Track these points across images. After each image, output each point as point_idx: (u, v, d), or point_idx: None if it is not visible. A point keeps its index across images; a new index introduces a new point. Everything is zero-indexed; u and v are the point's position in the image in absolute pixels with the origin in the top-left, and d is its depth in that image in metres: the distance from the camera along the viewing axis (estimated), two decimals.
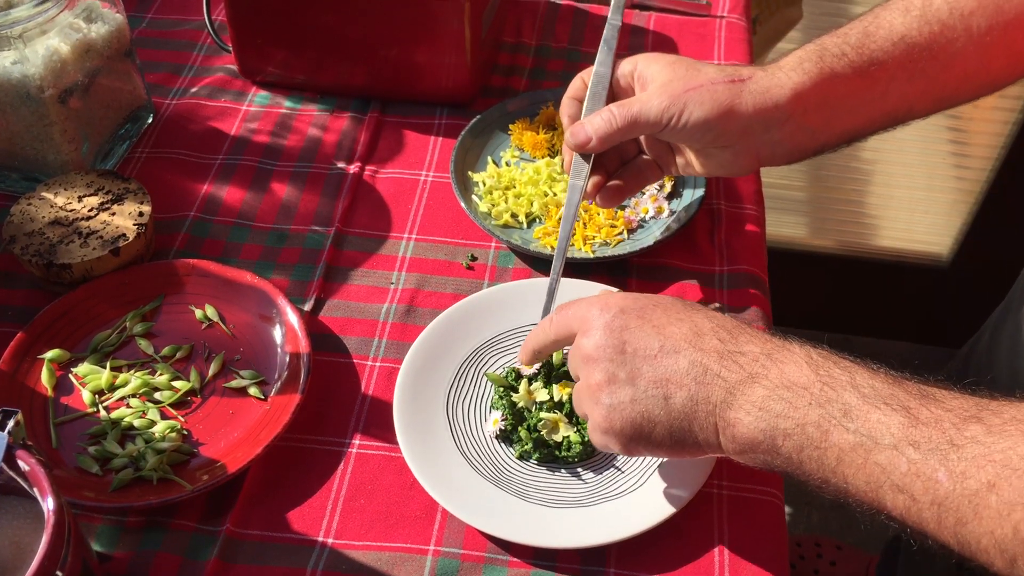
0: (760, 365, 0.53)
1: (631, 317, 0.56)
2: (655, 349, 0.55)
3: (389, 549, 0.62)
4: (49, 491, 0.50)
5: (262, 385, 0.70)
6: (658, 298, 0.58)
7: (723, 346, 0.54)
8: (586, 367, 0.57)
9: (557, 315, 0.61)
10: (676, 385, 0.54)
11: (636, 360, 0.55)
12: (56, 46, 0.76)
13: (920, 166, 1.67)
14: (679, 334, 0.55)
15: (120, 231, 0.74)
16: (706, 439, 0.55)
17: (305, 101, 0.93)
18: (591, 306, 0.58)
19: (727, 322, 0.56)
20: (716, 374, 0.53)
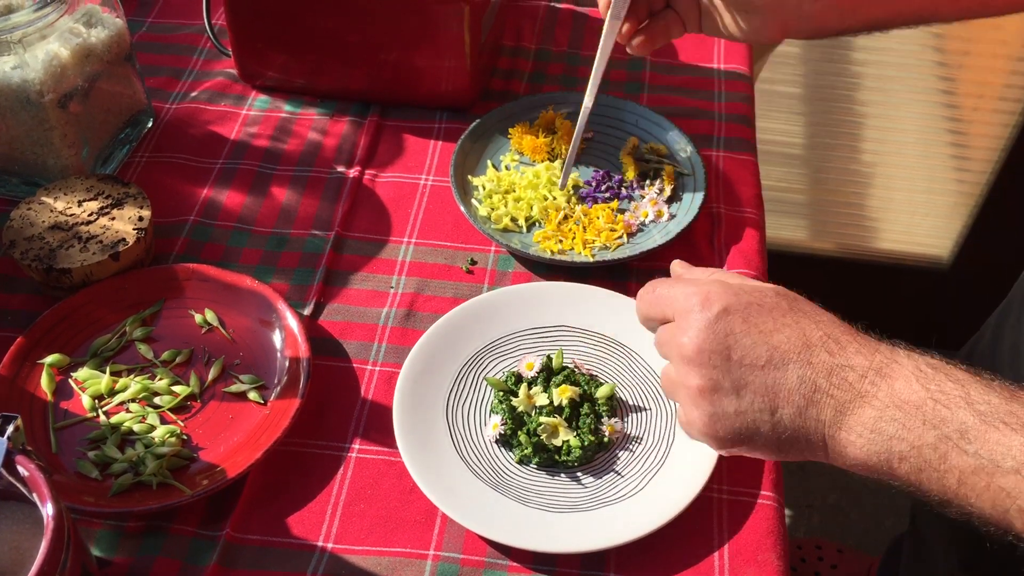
0: (869, 382, 0.51)
1: (736, 320, 0.54)
2: (762, 360, 0.52)
3: (389, 554, 0.62)
4: (48, 496, 0.50)
5: (262, 389, 0.70)
6: (760, 293, 0.55)
7: (832, 360, 0.52)
8: (686, 367, 0.55)
9: (652, 294, 0.59)
10: (784, 400, 0.52)
11: (742, 370, 0.53)
12: (56, 51, 0.76)
13: (920, 168, 1.67)
14: (787, 345, 0.53)
15: (120, 236, 0.74)
16: (813, 452, 0.53)
17: (305, 105, 0.93)
18: (691, 296, 0.55)
19: (834, 328, 0.54)
20: (825, 392, 0.51)
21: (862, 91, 1.58)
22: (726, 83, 0.97)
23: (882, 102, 1.59)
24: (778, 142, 1.66)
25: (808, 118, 1.63)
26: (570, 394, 0.68)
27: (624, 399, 0.71)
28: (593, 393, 0.69)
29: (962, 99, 1.57)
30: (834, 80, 1.57)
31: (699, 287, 0.56)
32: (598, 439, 0.67)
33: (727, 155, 0.90)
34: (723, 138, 0.91)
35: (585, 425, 0.67)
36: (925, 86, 1.56)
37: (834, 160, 1.68)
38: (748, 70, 1.00)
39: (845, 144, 1.66)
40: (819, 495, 1.60)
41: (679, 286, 0.57)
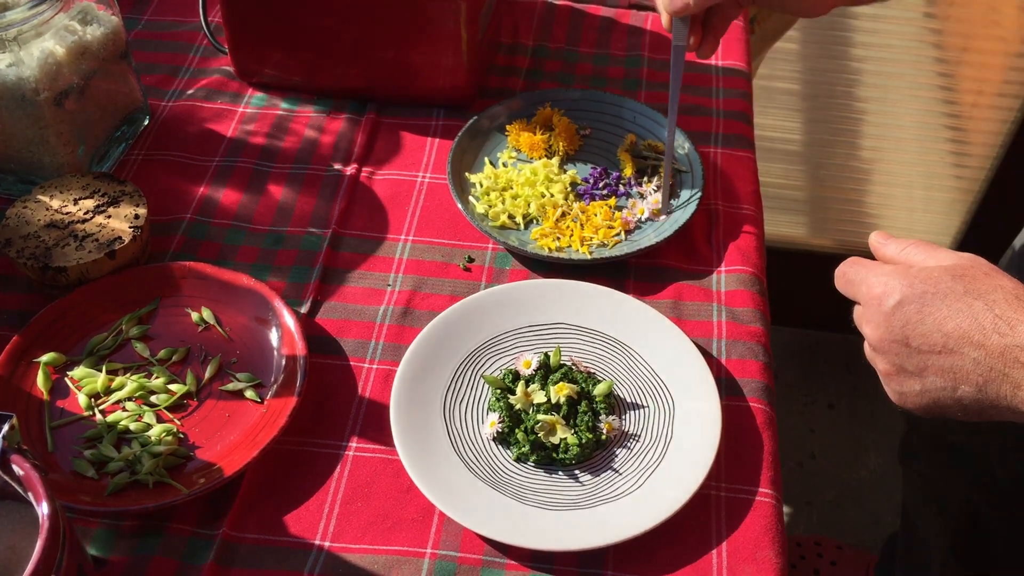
0: None
1: (911, 310, 0.58)
2: (939, 346, 0.57)
3: (386, 552, 0.62)
4: (44, 496, 0.50)
5: (258, 388, 0.70)
6: (936, 280, 0.58)
7: (1003, 341, 0.55)
8: (873, 353, 0.62)
9: (842, 277, 0.64)
10: (963, 379, 0.56)
11: (920, 356, 0.58)
12: (51, 48, 0.76)
13: (919, 164, 1.67)
14: (960, 331, 0.56)
15: (116, 234, 0.74)
16: (999, 416, 0.57)
17: (301, 103, 0.93)
18: (872, 288, 0.60)
19: (1005, 309, 0.56)
20: (1000, 371, 0.55)
21: (861, 87, 1.57)
22: (724, 79, 0.97)
23: (881, 98, 1.59)
24: (777, 138, 1.65)
25: (807, 114, 1.63)
26: (568, 392, 0.68)
27: (622, 396, 0.70)
28: (591, 391, 0.69)
29: (961, 95, 1.57)
30: (833, 76, 1.57)
31: (879, 277, 0.61)
32: (596, 437, 0.67)
33: (725, 152, 0.89)
34: (721, 135, 0.91)
35: (583, 423, 0.67)
36: (924, 82, 1.56)
37: (833, 156, 1.68)
38: (746, 66, 0.99)
39: (844, 140, 1.65)
40: (818, 492, 1.60)
41: (864, 271, 0.62)
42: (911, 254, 0.63)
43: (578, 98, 0.91)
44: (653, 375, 0.71)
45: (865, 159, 1.68)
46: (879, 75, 1.55)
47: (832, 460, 1.66)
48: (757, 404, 0.71)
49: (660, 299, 0.77)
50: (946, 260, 0.61)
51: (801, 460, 1.65)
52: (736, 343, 0.74)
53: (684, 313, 0.76)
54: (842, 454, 1.67)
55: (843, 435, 1.70)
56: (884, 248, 0.65)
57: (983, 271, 0.59)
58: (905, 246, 0.64)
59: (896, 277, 0.60)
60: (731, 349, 0.74)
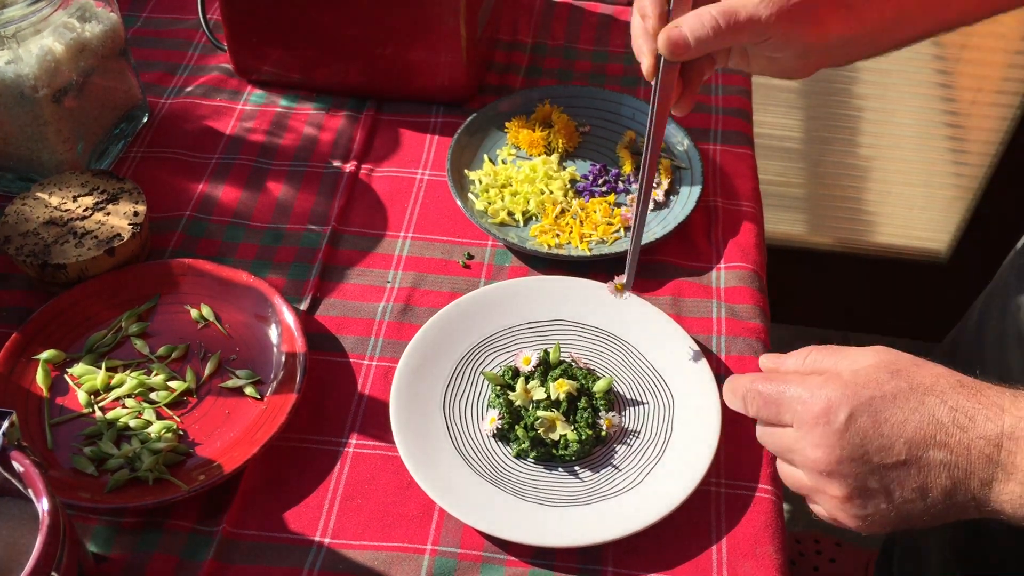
0: (1006, 451, 0.52)
1: (865, 422, 0.54)
2: (903, 455, 0.53)
3: (386, 548, 0.62)
4: (44, 492, 0.50)
5: (258, 385, 0.69)
6: (876, 381, 0.55)
7: (966, 435, 0.53)
8: (824, 479, 0.55)
9: (757, 396, 0.58)
10: (932, 485, 0.53)
11: (885, 470, 0.54)
12: (50, 45, 0.76)
13: (918, 162, 1.67)
14: (921, 433, 0.53)
15: (115, 231, 0.74)
16: (967, 516, 0.54)
17: (301, 100, 0.93)
18: (810, 405, 0.55)
19: (957, 397, 0.54)
20: (965, 470, 0.53)
21: (860, 85, 1.57)
22: (723, 77, 0.97)
23: (880, 96, 1.59)
24: (775, 136, 1.65)
25: (805, 112, 1.63)
26: (567, 388, 0.68)
27: (621, 393, 0.70)
28: (590, 387, 0.69)
29: (960, 93, 1.57)
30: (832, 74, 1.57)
31: (815, 392, 0.55)
32: (595, 433, 0.67)
33: (724, 149, 0.89)
34: (720, 132, 0.91)
35: (582, 419, 0.67)
36: (923, 80, 1.56)
37: (832, 154, 1.68)
38: None
39: (843, 138, 1.65)
40: None
41: (788, 388, 0.57)
42: (818, 361, 0.59)
43: (577, 95, 0.91)
44: (653, 371, 0.71)
45: (864, 157, 1.68)
46: (878, 72, 1.55)
47: None
48: None
49: (660, 296, 0.77)
50: (862, 358, 0.57)
51: None
52: (736, 339, 0.74)
53: (683, 309, 0.76)
54: None
55: None
56: (784, 365, 0.61)
57: (911, 362, 0.56)
58: (807, 354, 0.60)
59: (835, 388, 0.55)
60: (731, 345, 0.74)
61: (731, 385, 0.61)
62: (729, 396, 0.62)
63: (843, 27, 0.63)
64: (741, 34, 0.61)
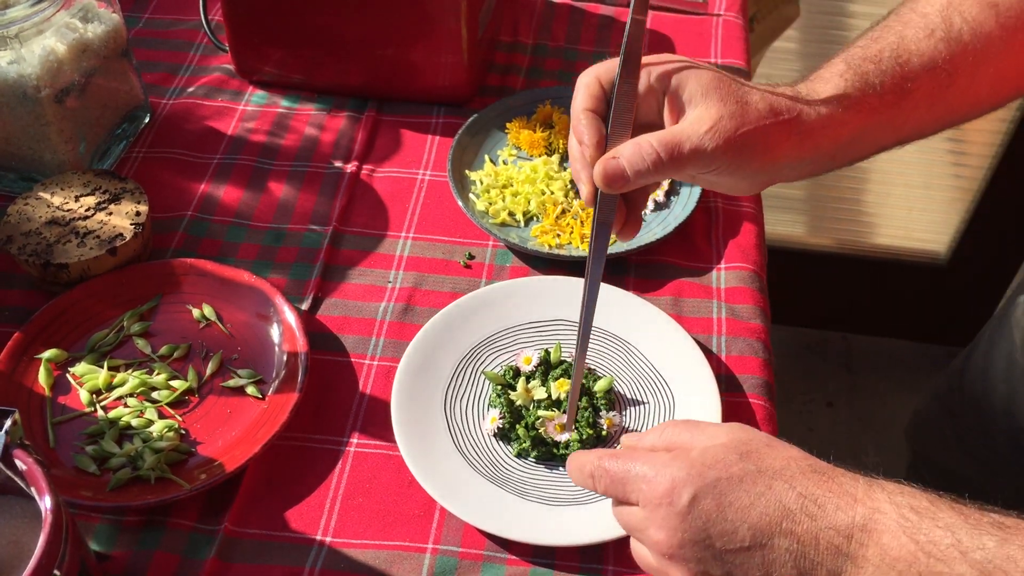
0: (856, 542, 0.50)
1: (709, 505, 0.51)
2: (747, 541, 0.51)
3: (387, 547, 0.62)
4: (47, 490, 0.50)
5: (260, 384, 0.70)
6: (724, 462, 0.53)
7: (815, 524, 0.50)
8: (667, 562, 0.53)
9: (605, 475, 0.56)
10: (777, 573, 0.51)
11: (728, 555, 0.51)
12: (52, 46, 0.76)
13: (918, 164, 1.67)
14: (767, 519, 0.51)
15: (117, 231, 0.74)
16: None
17: (302, 100, 0.93)
18: (654, 487, 0.53)
19: (808, 484, 0.52)
20: (813, 560, 0.50)
21: None
22: None
23: None
24: None
25: None
26: (567, 388, 0.68)
27: (622, 393, 0.71)
28: (591, 387, 0.69)
29: None
30: None
31: (660, 471, 0.53)
32: (596, 432, 0.67)
33: None
34: None
35: (583, 419, 0.67)
36: None
37: None
38: (746, 65, 1.00)
39: None
40: None
41: (634, 466, 0.54)
42: (673, 435, 0.57)
43: None
44: (653, 371, 0.71)
45: None
46: None
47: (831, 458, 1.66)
48: (757, 400, 0.71)
49: (660, 296, 0.77)
50: (717, 435, 0.55)
51: None
52: (736, 339, 0.74)
53: (684, 310, 0.76)
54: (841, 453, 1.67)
55: (842, 434, 1.71)
56: (642, 441, 0.58)
57: (764, 443, 0.54)
58: (663, 429, 0.57)
59: (680, 468, 0.52)
60: (731, 345, 0.74)
61: (577, 462, 0.58)
62: (576, 473, 0.58)
63: (795, 153, 0.60)
64: (684, 166, 0.58)
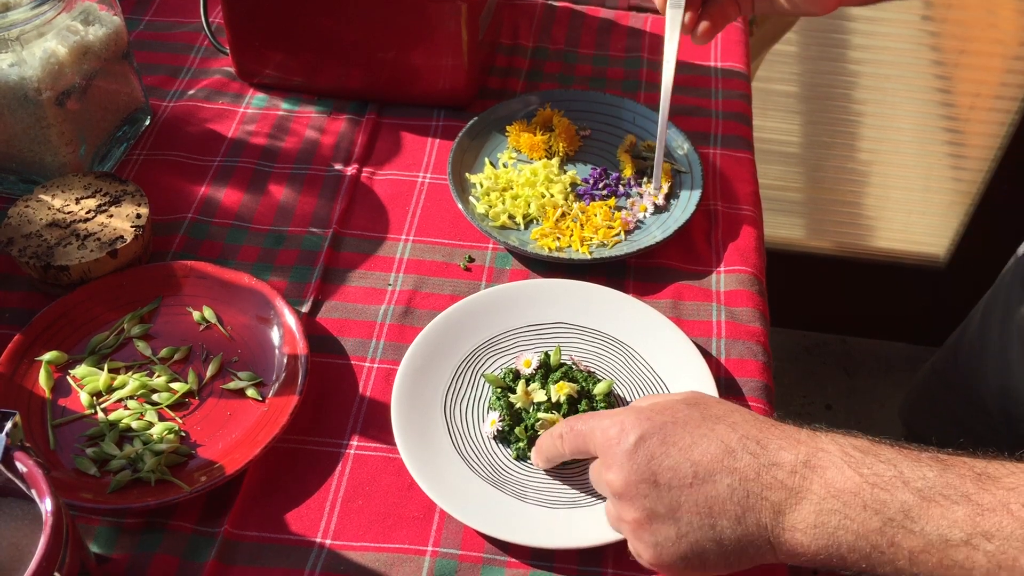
0: (800, 477, 0.51)
1: (654, 444, 0.53)
2: (689, 477, 0.52)
3: (387, 550, 0.62)
4: (47, 492, 0.50)
5: (260, 386, 0.70)
6: (672, 410, 0.55)
7: (757, 461, 0.51)
8: (620, 502, 0.55)
9: (570, 432, 0.59)
10: (720, 512, 0.52)
11: (672, 492, 0.52)
12: (54, 48, 0.76)
13: (917, 167, 1.67)
14: (709, 456, 0.52)
15: (118, 233, 0.74)
16: (763, 557, 0.52)
17: (302, 103, 0.93)
18: (607, 430, 0.56)
19: (751, 428, 0.53)
20: (758, 495, 0.51)
21: (859, 89, 1.58)
22: (723, 81, 0.98)
23: (879, 100, 1.59)
24: (775, 141, 1.66)
25: (805, 116, 1.64)
26: (568, 390, 0.68)
27: (622, 396, 0.71)
28: (591, 389, 0.69)
29: (958, 97, 1.58)
30: (831, 79, 1.57)
31: (612, 419, 0.56)
32: None
33: (724, 152, 0.90)
34: (720, 136, 0.92)
35: None
36: (921, 84, 1.57)
37: (831, 159, 1.68)
38: (745, 68, 1.00)
39: (842, 143, 1.66)
40: None
41: (594, 420, 0.57)
42: (637, 403, 0.59)
43: (578, 99, 0.92)
44: (653, 374, 0.72)
45: (863, 161, 1.68)
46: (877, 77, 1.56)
47: None
48: (756, 403, 0.71)
49: (660, 299, 0.77)
50: (673, 395, 0.58)
51: None
52: (735, 343, 0.74)
53: (683, 313, 0.76)
54: None
55: None
56: None
57: (715, 400, 0.56)
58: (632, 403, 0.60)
59: (630, 415, 0.55)
60: (730, 349, 0.74)
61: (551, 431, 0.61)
62: (545, 440, 0.62)
63: None
64: None
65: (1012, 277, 0.90)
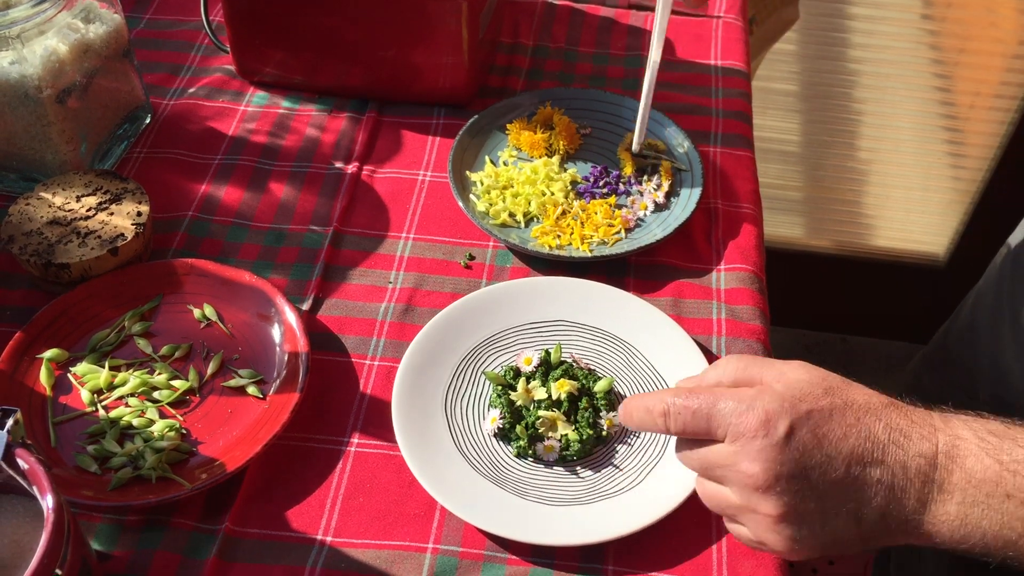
0: (943, 469, 0.51)
1: (805, 437, 0.51)
2: (840, 471, 0.51)
3: (388, 547, 0.62)
4: (48, 489, 0.51)
5: (261, 384, 0.70)
6: (810, 395, 0.53)
7: (902, 453, 0.51)
8: (757, 495, 0.53)
9: (684, 411, 0.54)
10: (866, 505, 0.52)
11: (824, 488, 0.52)
12: (54, 46, 0.76)
13: (916, 166, 1.67)
14: (860, 449, 0.52)
15: (118, 231, 0.74)
16: (899, 542, 0.53)
17: (303, 101, 0.93)
18: (743, 415, 0.52)
19: (895, 418, 0.53)
20: (902, 488, 0.51)
21: (858, 89, 1.58)
22: (723, 79, 0.98)
23: (878, 99, 1.59)
24: (774, 140, 1.66)
25: (804, 116, 1.64)
26: (568, 388, 0.68)
27: (622, 393, 0.71)
28: (591, 387, 0.69)
29: (958, 96, 1.58)
30: (830, 78, 1.57)
31: (748, 403, 0.53)
32: (596, 433, 0.67)
33: (724, 151, 0.90)
34: (720, 134, 0.92)
35: (583, 419, 0.67)
36: (921, 84, 1.57)
37: (830, 158, 1.69)
38: (746, 66, 1.00)
39: (841, 142, 1.66)
40: None
41: (720, 402, 0.54)
42: (739, 371, 0.56)
43: (578, 97, 0.92)
44: (653, 372, 0.72)
45: (863, 160, 1.68)
46: (877, 76, 1.56)
47: None
48: None
49: (660, 297, 0.77)
50: (788, 370, 0.55)
51: None
52: (736, 340, 0.74)
53: (684, 311, 0.76)
54: None
55: None
56: (705, 379, 0.58)
57: (842, 381, 0.55)
58: (725, 365, 0.57)
59: (771, 400, 0.52)
60: (731, 346, 0.74)
61: (642, 403, 0.57)
62: (639, 413, 0.57)
63: None
64: None
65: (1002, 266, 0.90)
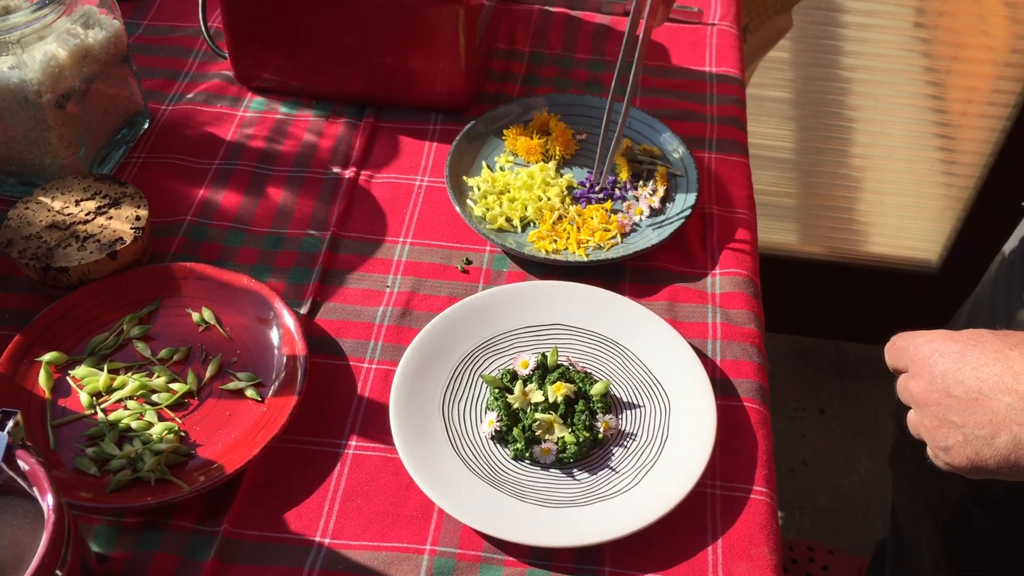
0: None
1: (950, 360, 0.59)
2: (975, 392, 0.57)
3: (386, 549, 0.63)
4: (49, 490, 0.51)
5: (259, 387, 0.70)
6: (980, 335, 0.60)
7: None
8: (919, 409, 0.61)
9: (891, 346, 0.65)
10: (1000, 427, 0.56)
11: (961, 403, 0.58)
12: (54, 51, 0.76)
13: (909, 172, 1.68)
14: (995, 376, 0.57)
15: (117, 235, 0.75)
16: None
17: (301, 107, 0.94)
18: (920, 346, 0.61)
19: None
20: None
21: (851, 96, 1.59)
22: (718, 86, 0.99)
23: (871, 107, 1.60)
24: (768, 146, 1.67)
25: (798, 123, 1.65)
26: (565, 391, 0.69)
27: (618, 396, 0.71)
28: (588, 390, 0.70)
29: (950, 104, 1.59)
30: (824, 85, 1.58)
31: (926, 336, 0.62)
32: (593, 435, 0.68)
33: (719, 157, 0.91)
34: (715, 140, 0.92)
35: (580, 422, 0.68)
36: (914, 91, 1.58)
37: (824, 164, 1.69)
38: (740, 73, 1.01)
39: (835, 149, 1.67)
40: (809, 497, 1.61)
41: (911, 337, 0.63)
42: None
43: (574, 103, 0.92)
44: (649, 375, 0.72)
45: (856, 167, 1.69)
46: (870, 84, 1.57)
47: (823, 465, 1.67)
48: (751, 404, 0.71)
49: (655, 301, 0.78)
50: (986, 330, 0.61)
51: (793, 465, 1.66)
52: (731, 344, 0.75)
53: (679, 314, 0.77)
54: (833, 460, 1.68)
55: (834, 441, 1.71)
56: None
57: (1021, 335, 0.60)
58: None
59: (941, 335, 0.61)
60: (726, 350, 0.75)
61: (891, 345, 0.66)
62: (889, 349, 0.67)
63: None
64: None
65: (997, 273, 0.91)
